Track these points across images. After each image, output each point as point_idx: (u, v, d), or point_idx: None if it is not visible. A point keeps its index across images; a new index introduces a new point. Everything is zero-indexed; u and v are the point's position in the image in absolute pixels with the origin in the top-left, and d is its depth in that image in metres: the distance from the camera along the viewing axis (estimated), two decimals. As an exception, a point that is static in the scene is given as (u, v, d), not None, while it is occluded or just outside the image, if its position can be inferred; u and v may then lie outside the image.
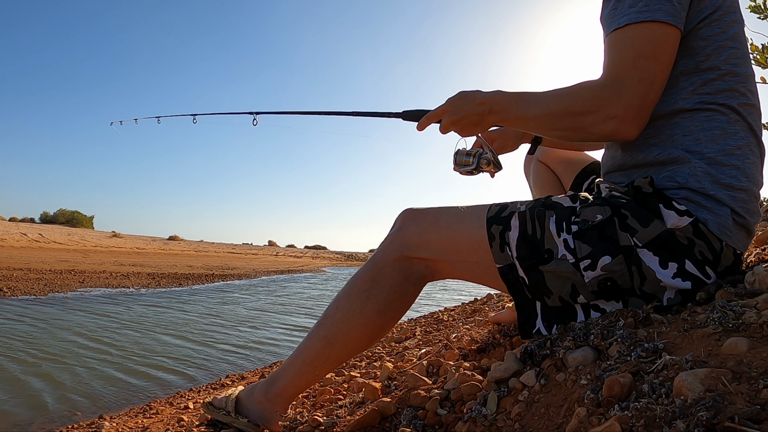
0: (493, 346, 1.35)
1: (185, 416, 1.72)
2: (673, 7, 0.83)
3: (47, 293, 6.08)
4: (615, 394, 0.60)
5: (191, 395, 2.34)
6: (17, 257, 10.73)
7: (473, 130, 1.04)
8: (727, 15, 0.88)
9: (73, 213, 30.22)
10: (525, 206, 0.95)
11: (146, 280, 8.67)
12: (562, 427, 0.65)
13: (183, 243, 26.64)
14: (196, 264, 14.29)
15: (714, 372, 0.55)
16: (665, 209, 0.85)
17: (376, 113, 1.30)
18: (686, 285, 0.84)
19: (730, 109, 0.87)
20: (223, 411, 1.16)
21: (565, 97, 0.89)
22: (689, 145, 0.87)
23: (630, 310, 0.84)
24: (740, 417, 0.45)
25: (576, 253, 0.87)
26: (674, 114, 0.89)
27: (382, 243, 1.05)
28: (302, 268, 17.99)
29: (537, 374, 0.80)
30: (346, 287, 1.06)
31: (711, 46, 0.87)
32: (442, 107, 1.05)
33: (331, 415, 1.16)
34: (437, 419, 0.92)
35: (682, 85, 0.88)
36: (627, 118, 0.84)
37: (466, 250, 0.97)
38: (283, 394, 1.11)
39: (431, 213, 1.02)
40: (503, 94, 0.97)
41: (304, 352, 1.08)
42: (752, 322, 0.67)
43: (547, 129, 0.96)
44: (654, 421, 0.51)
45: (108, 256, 14.13)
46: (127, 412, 2.11)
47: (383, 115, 1.28)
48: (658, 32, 0.83)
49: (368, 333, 1.04)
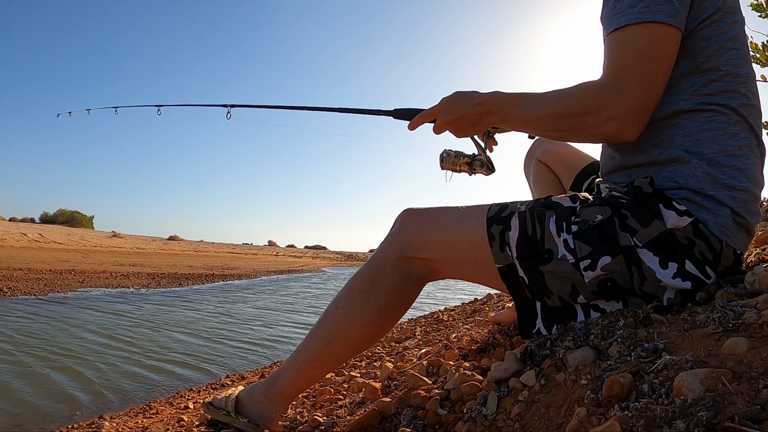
0: (493, 346, 1.35)
1: (185, 416, 1.72)
2: (673, 8, 0.82)
3: (47, 293, 6.08)
4: (615, 394, 0.60)
5: (191, 395, 2.34)
6: (17, 257, 10.73)
7: (470, 131, 1.03)
8: (728, 15, 0.88)
9: (73, 213, 30.22)
10: (525, 206, 0.95)
11: (146, 280, 8.67)
12: (562, 427, 0.65)
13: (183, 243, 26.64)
14: (196, 264, 14.29)
15: (714, 372, 0.55)
16: (665, 209, 0.85)
17: (366, 110, 1.28)
18: (686, 285, 0.84)
19: (731, 110, 0.87)
20: (223, 411, 1.16)
21: (566, 98, 0.89)
22: (689, 146, 0.87)
23: (630, 310, 0.84)
24: (740, 417, 0.45)
25: (576, 253, 0.87)
26: (675, 115, 0.89)
27: (382, 243, 1.05)
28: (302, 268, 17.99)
29: (537, 374, 0.80)
30: (345, 287, 1.06)
31: (712, 47, 0.87)
32: (438, 107, 1.03)
33: (331, 415, 1.16)
34: (437, 419, 0.92)
35: (683, 86, 0.88)
36: (627, 119, 0.84)
37: (466, 250, 0.97)
38: (283, 394, 1.11)
39: (431, 213, 1.02)
40: (502, 94, 0.97)
41: (303, 352, 1.08)
42: (752, 322, 0.67)
43: (546, 130, 0.96)
44: (654, 421, 0.51)
45: (108, 256, 14.13)
46: (127, 412, 2.12)
47: (373, 112, 1.26)
48: (658, 33, 0.82)
49: (368, 333, 1.04)
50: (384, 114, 1.21)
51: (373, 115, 1.26)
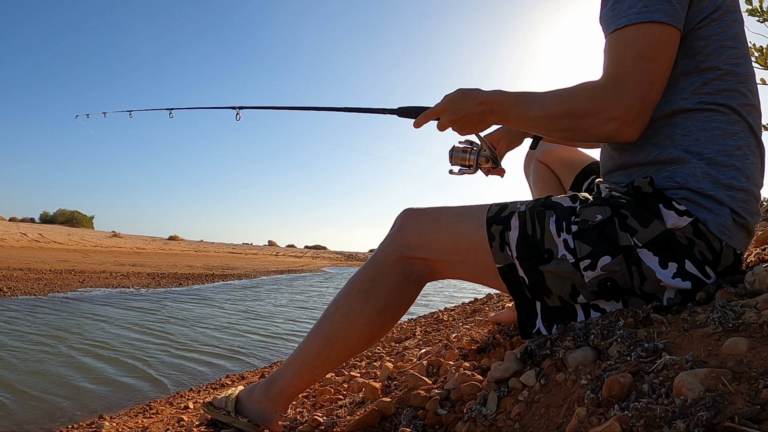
0: (493, 346, 1.35)
1: (185, 416, 1.72)
2: (672, 8, 0.82)
3: (47, 293, 6.08)
4: (615, 394, 0.60)
5: (191, 395, 2.34)
6: (17, 257, 10.73)
7: (472, 129, 1.04)
8: (728, 14, 0.88)
9: (73, 213, 30.23)
10: (525, 206, 0.95)
11: (146, 280, 8.67)
12: (562, 427, 0.65)
13: (183, 243, 26.64)
14: (196, 264, 14.29)
15: (714, 372, 0.55)
16: (665, 209, 0.85)
17: (371, 109, 1.28)
18: (686, 285, 0.84)
19: (731, 110, 0.87)
20: (223, 411, 1.16)
21: (566, 99, 0.89)
22: (689, 146, 0.87)
23: (630, 310, 0.84)
24: (740, 417, 0.45)
25: (576, 253, 0.87)
26: (674, 114, 0.89)
27: (381, 243, 1.05)
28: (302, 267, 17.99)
29: (537, 374, 0.80)
30: (345, 287, 1.06)
31: (711, 46, 0.87)
32: (441, 105, 1.04)
33: (331, 415, 1.16)
34: (437, 419, 0.92)
35: (683, 85, 0.88)
36: (627, 119, 0.84)
37: (465, 250, 0.97)
38: (283, 394, 1.11)
39: (431, 213, 1.02)
40: (504, 94, 0.97)
41: (304, 352, 1.08)
42: (752, 322, 0.67)
43: (547, 130, 0.96)
44: (654, 421, 0.51)
45: (108, 256, 14.13)
46: (127, 411, 2.11)
47: (378, 111, 1.26)
48: (657, 33, 0.82)
49: (368, 333, 1.04)
50: (389, 112, 1.21)
51: (378, 114, 1.26)
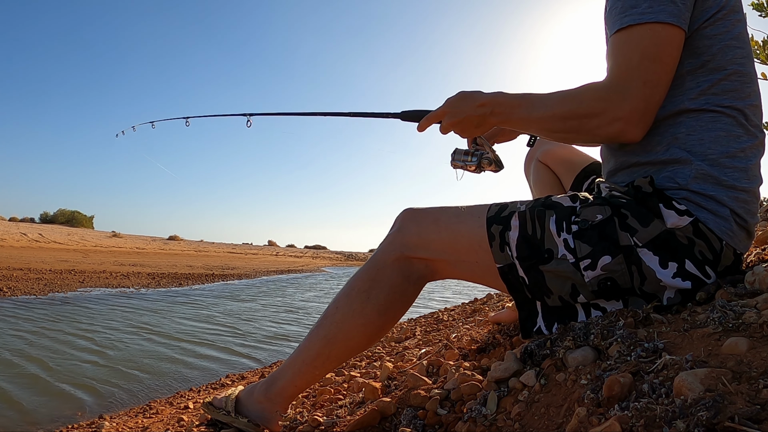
0: (493, 346, 1.35)
1: (185, 416, 1.72)
2: (676, 8, 0.82)
3: (47, 293, 6.08)
4: (615, 394, 0.60)
5: (191, 395, 2.34)
6: (17, 257, 10.73)
7: (474, 131, 1.03)
8: (732, 14, 0.88)
9: (73, 213, 30.23)
10: (525, 206, 0.95)
11: (146, 280, 8.67)
12: (562, 427, 0.65)
13: (183, 243, 26.65)
14: (196, 264, 14.29)
15: (714, 372, 0.55)
16: (665, 209, 0.85)
17: (375, 114, 1.29)
18: (686, 285, 0.84)
19: (736, 111, 0.87)
20: (223, 411, 1.16)
21: (570, 100, 0.88)
22: (692, 145, 0.87)
23: (630, 309, 0.84)
24: (740, 417, 0.45)
25: (576, 253, 0.87)
26: (680, 114, 0.88)
27: (381, 243, 1.04)
28: (302, 267, 17.99)
29: (537, 374, 0.80)
30: (345, 287, 1.06)
31: (717, 45, 0.87)
32: (442, 108, 1.04)
33: (331, 415, 1.16)
34: (437, 419, 0.92)
35: (688, 85, 0.88)
36: (632, 120, 0.84)
37: (466, 250, 0.97)
38: (283, 393, 1.11)
39: (431, 213, 1.02)
40: (505, 95, 0.97)
41: (304, 352, 1.08)
42: (752, 322, 0.67)
43: (550, 131, 0.96)
44: (654, 421, 0.51)
45: (108, 256, 14.13)
46: (127, 411, 2.11)
47: (382, 115, 1.27)
48: (662, 33, 0.82)
49: (368, 333, 1.04)
50: (392, 117, 1.22)
51: (381, 118, 1.27)
